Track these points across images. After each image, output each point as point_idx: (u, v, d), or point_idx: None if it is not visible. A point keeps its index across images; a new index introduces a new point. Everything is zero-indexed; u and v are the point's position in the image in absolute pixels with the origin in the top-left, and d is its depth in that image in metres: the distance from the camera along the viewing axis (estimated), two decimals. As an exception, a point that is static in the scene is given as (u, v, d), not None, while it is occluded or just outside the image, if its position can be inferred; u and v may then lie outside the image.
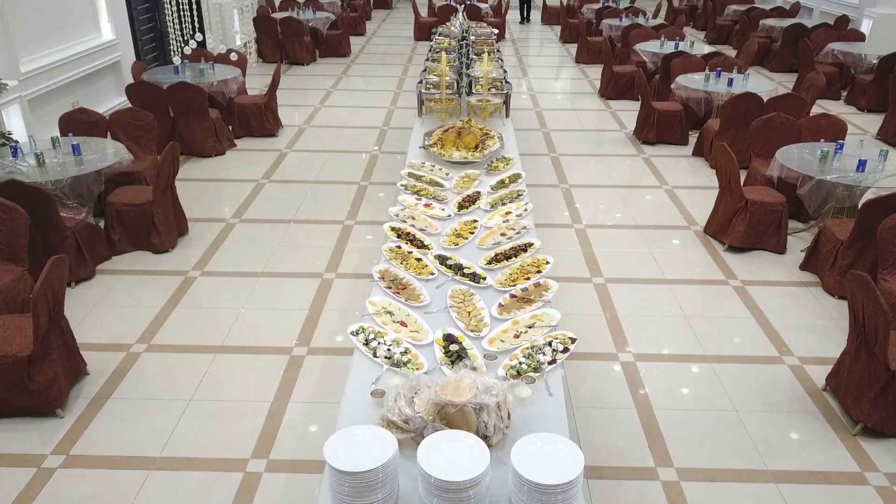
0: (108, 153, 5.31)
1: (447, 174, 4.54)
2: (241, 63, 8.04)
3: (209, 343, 4.19)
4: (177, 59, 4.52)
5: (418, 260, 3.48)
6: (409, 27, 14.90)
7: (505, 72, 6.29)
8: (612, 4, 13.57)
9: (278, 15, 11.95)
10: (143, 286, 4.82)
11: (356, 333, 2.90)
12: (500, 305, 3.12)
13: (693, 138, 7.80)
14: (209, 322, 4.41)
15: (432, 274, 3.35)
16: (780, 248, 5.34)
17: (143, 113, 6.06)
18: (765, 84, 7.94)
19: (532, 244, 3.62)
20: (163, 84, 7.07)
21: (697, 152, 7.52)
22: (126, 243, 5.23)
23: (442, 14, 13.13)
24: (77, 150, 5.19)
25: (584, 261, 5.24)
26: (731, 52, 11.82)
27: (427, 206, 4.09)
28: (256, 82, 10.00)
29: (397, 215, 3.94)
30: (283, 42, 11.54)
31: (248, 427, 3.53)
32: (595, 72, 11.19)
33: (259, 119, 7.89)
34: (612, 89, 9.74)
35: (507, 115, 5.66)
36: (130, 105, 6.71)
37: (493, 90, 5.72)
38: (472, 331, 2.94)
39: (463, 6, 11.96)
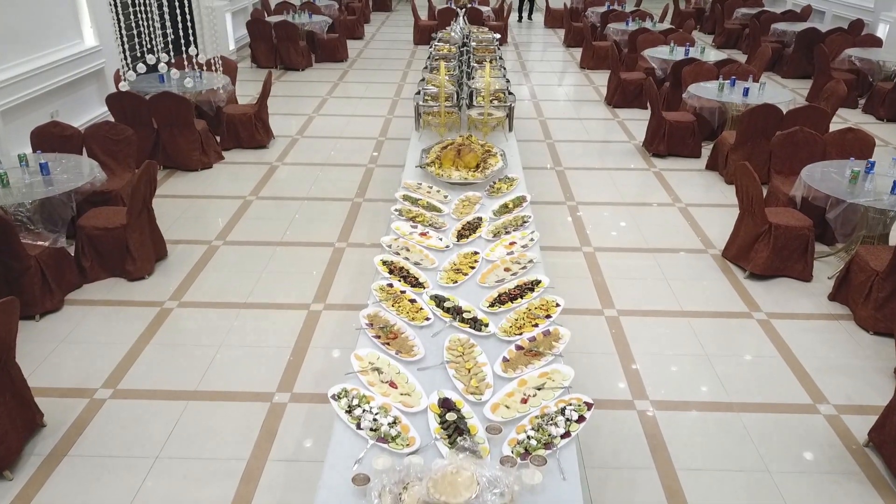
0: (81, 172, 4.91)
1: (445, 196, 4.16)
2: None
3: (182, 388, 3.78)
4: (123, 85, 4.12)
5: (412, 301, 3.10)
6: (409, 30, 14.49)
7: (508, 82, 5.89)
8: (617, 8, 13.15)
9: (273, 18, 11.55)
10: (115, 319, 4.42)
11: (338, 398, 2.51)
12: (505, 360, 2.73)
13: (706, 151, 7.38)
14: (183, 362, 4.01)
15: (427, 319, 2.98)
16: (805, 276, 4.93)
17: (122, 127, 5.66)
18: (782, 94, 7.53)
19: (540, 282, 3.24)
20: (146, 94, 6.68)
21: (711, 166, 7.10)
22: (98, 270, 4.83)
23: (442, 18, 12.74)
24: (45, 170, 4.79)
25: (594, 290, 4.83)
26: (740, 56, 11.42)
27: (423, 234, 3.71)
28: (248, 88, 9.60)
29: (390, 246, 3.56)
30: (277, 47, 11.14)
31: (220, 492, 3.13)
32: (601, 78, 10.80)
33: (249, 129, 7.49)
34: (619, 97, 9.31)
35: (510, 130, 5.27)
36: (111, 116, 6.33)
37: (496, 102, 5.33)
38: (472, 393, 2.55)
39: (464, 10, 11.56)
